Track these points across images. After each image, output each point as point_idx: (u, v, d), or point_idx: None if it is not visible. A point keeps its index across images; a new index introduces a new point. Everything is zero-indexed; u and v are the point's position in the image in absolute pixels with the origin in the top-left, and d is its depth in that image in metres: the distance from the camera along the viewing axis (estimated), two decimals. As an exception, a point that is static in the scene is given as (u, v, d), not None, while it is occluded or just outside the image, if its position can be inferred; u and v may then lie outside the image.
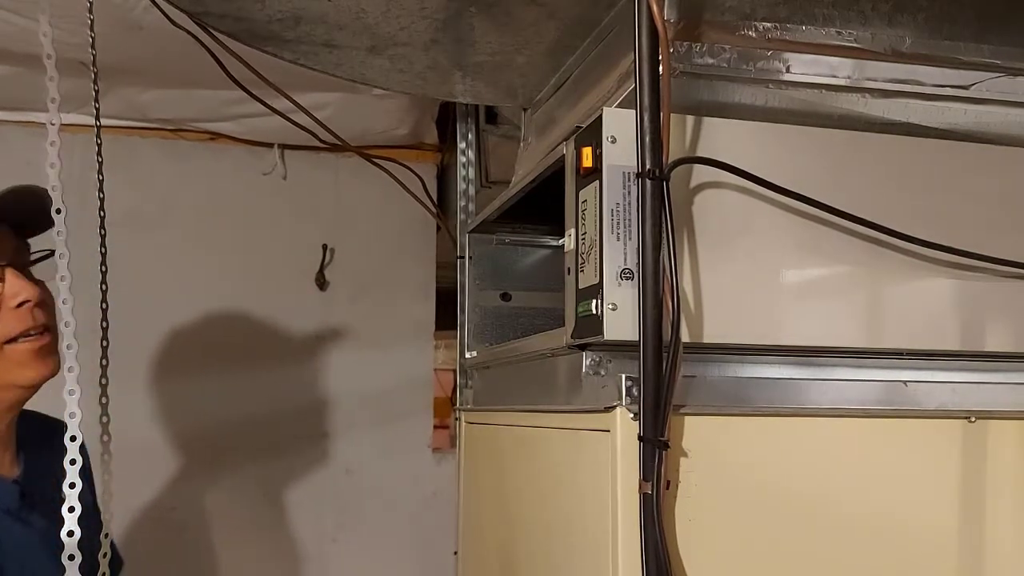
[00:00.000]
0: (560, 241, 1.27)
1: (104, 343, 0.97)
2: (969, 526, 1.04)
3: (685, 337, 0.93)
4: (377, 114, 2.21)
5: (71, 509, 0.87)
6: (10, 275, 1.17)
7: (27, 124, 2.18)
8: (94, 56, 0.99)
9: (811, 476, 1.01)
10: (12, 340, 1.16)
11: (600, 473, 0.98)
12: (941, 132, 1.11)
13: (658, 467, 0.88)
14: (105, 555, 0.99)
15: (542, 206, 1.24)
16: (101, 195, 1.00)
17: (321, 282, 2.41)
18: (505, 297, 1.58)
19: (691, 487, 0.95)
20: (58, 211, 0.90)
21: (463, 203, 1.77)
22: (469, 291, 1.57)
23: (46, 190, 1.11)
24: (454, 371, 1.72)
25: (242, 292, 2.35)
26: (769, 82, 1.05)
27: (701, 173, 0.99)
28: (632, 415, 0.92)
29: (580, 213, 1.01)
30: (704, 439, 0.97)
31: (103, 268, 0.97)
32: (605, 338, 0.94)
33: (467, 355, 1.58)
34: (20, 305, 1.16)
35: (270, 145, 2.39)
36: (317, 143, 2.11)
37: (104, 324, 0.98)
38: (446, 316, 2.07)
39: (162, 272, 2.28)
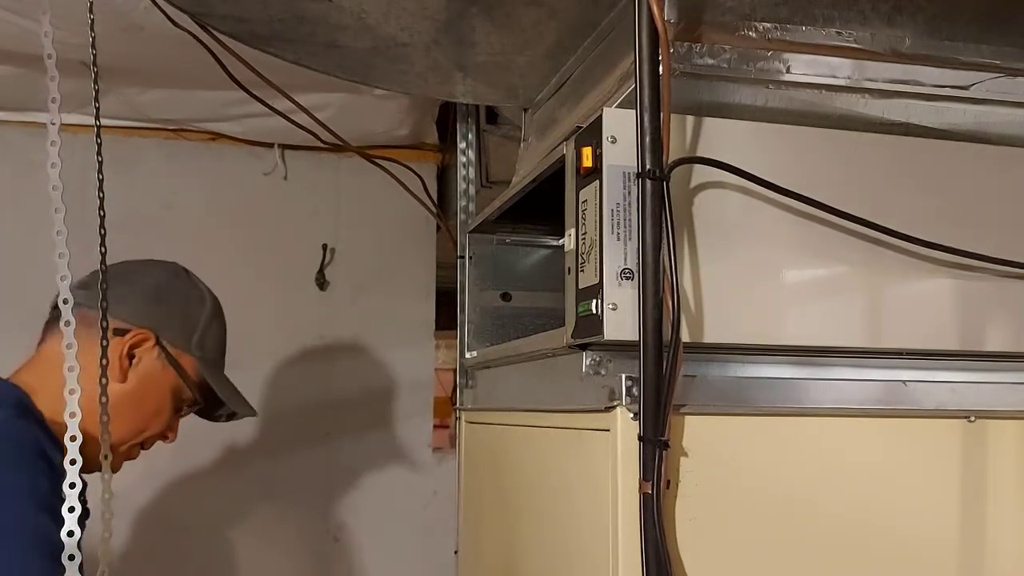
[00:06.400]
0: (560, 241, 1.27)
1: (104, 343, 0.97)
2: (969, 525, 1.04)
3: (685, 337, 0.93)
4: (378, 114, 2.21)
5: (71, 509, 0.88)
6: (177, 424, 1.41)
7: (28, 124, 2.18)
8: (95, 56, 0.99)
9: (811, 476, 1.01)
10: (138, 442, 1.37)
11: (600, 473, 0.98)
12: (941, 132, 1.11)
13: (658, 467, 0.89)
14: (105, 556, 0.99)
15: (542, 206, 1.24)
16: (101, 195, 1.00)
17: (321, 282, 2.41)
18: (505, 297, 1.58)
19: (691, 487, 0.95)
20: (57, 211, 0.90)
21: (463, 203, 1.77)
22: (469, 291, 1.57)
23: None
24: (454, 371, 1.72)
25: (242, 292, 2.34)
26: (769, 82, 1.05)
27: (701, 173, 1.00)
28: (632, 415, 0.92)
29: (580, 213, 1.01)
30: (704, 439, 0.97)
31: (103, 268, 0.97)
32: (605, 338, 0.94)
33: (467, 355, 1.58)
34: (151, 439, 1.39)
35: (271, 145, 2.39)
36: (318, 143, 2.12)
37: (104, 324, 0.98)
38: (446, 316, 2.07)
39: (163, 272, 2.28)
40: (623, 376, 0.93)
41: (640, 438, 0.89)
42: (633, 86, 0.92)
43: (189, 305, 1.40)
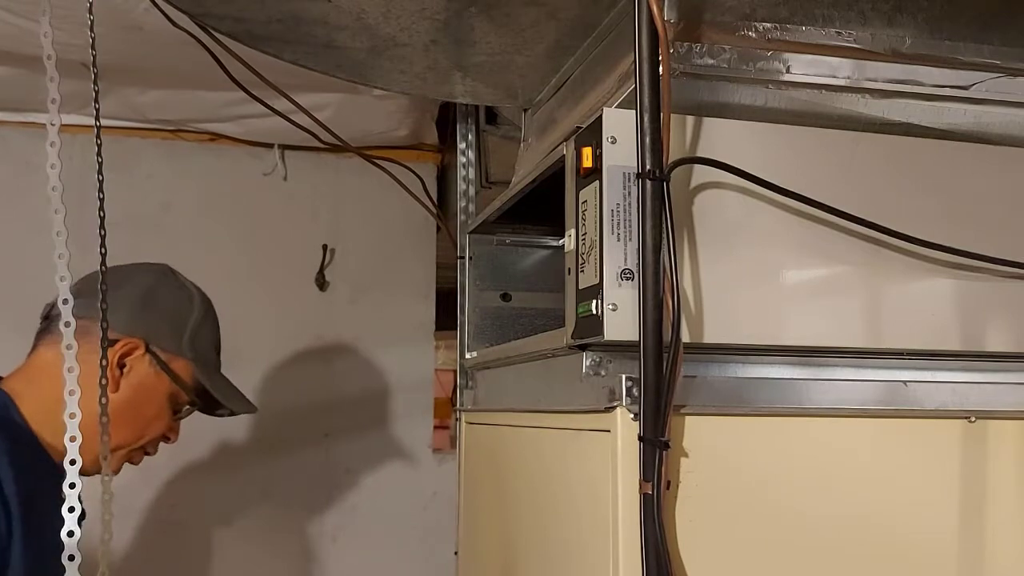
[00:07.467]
0: (560, 241, 1.27)
1: (104, 343, 0.97)
2: (969, 526, 1.04)
3: (685, 337, 0.93)
4: (377, 115, 2.21)
5: (71, 509, 0.88)
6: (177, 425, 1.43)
7: (27, 125, 2.19)
8: (94, 57, 0.99)
9: (811, 476, 1.00)
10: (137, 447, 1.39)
11: (600, 473, 0.98)
12: (941, 132, 1.11)
13: (658, 467, 0.88)
14: (105, 556, 0.99)
15: (542, 206, 1.24)
16: (101, 195, 1.00)
17: (321, 282, 2.41)
18: (505, 297, 1.57)
19: (691, 487, 0.95)
20: (57, 212, 0.90)
21: (463, 203, 1.77)
22: (469, 291, 1.57)
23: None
24: (454, 371, 1.72)
25: (242, 292, 2.35)
26: (769, 82, 1.05)
27: (701, 173, 0.99)
28: (632, 415, 0.92)
29: (580, 213, 1.01)
30: (704, 439, 0.97)
31: (103, 268, 0.97)
32: (605, 338, 0.94)
33: (467, 356, 1.58)
34: (153, 443, 1.41)
35: (270, 146, 2.39)
36: (317, 144, 2.12)
37: (104, 324, 0.98)
38: (446, 316, 2.07)
39: (162, 273, 2.28)
40: (623, 376, 0.93)
41: (640, 438, 0.89)
42: (633, 86, 0.92)
43: (178, 307, 1.40)
